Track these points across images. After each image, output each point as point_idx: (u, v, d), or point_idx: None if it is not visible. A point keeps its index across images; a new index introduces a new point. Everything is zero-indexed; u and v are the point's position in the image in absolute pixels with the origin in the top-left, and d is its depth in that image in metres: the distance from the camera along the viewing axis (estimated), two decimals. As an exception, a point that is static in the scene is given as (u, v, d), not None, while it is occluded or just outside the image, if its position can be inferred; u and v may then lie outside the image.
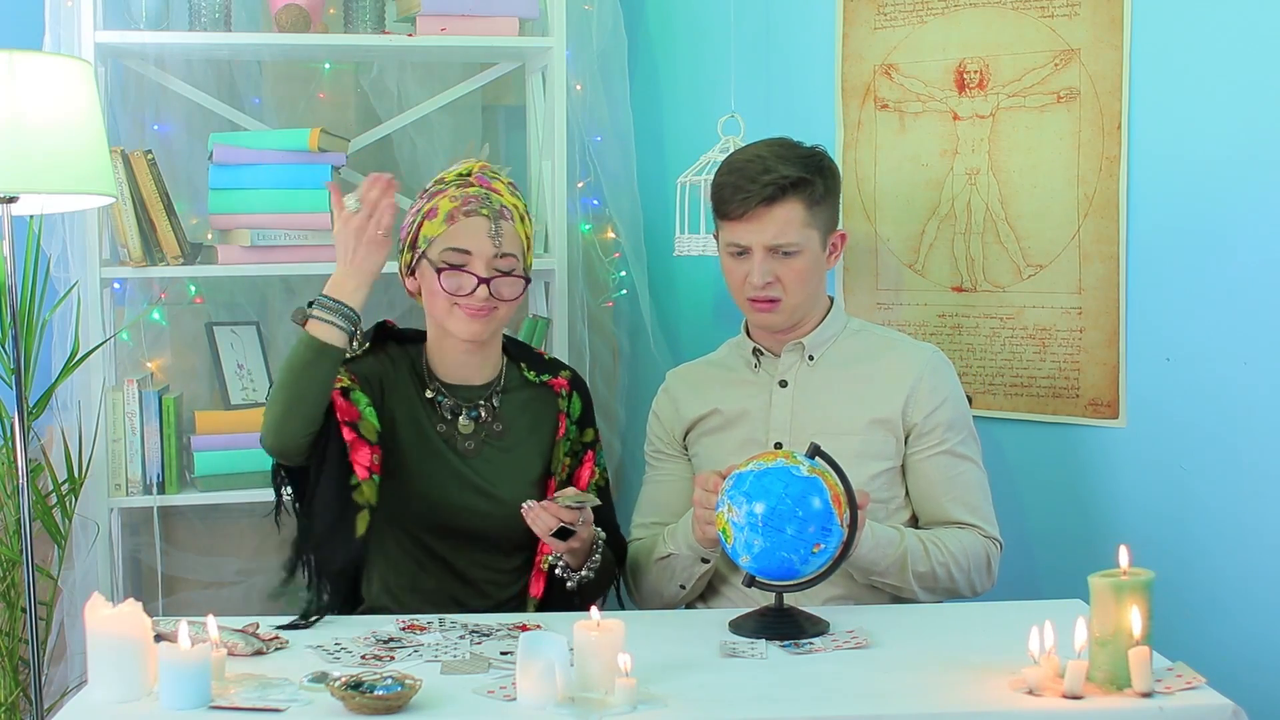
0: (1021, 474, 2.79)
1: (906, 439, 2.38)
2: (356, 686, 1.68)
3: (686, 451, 2.50)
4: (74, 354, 2.71)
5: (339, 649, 1.94)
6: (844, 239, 2.47)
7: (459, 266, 2.25)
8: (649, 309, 3.26)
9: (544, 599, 2.31)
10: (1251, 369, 2.52)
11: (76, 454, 2.78)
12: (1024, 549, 2.72)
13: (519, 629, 2.03)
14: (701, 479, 2.16)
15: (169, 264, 2.88)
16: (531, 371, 2.41)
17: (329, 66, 3.26)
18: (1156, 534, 2.61)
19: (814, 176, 2.35)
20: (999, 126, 2.77)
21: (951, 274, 2.85)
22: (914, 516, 2.40)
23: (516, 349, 2.44)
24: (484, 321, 2.28)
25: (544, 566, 2.29)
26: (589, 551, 2.25)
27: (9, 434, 2.61)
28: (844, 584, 2.30)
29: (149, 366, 3.07)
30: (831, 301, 2.48)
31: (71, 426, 2.84)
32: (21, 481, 2.48)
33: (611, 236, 3.28)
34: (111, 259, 2.90)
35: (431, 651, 1.93)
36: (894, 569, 2.25)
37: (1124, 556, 1.79)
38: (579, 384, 2.45)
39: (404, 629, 2.04)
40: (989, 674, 1.79)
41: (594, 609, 1.80)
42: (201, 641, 1.73)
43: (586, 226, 3.26)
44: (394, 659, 1.90)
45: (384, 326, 2.40)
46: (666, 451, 2.52)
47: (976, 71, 2.79)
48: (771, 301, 2.37)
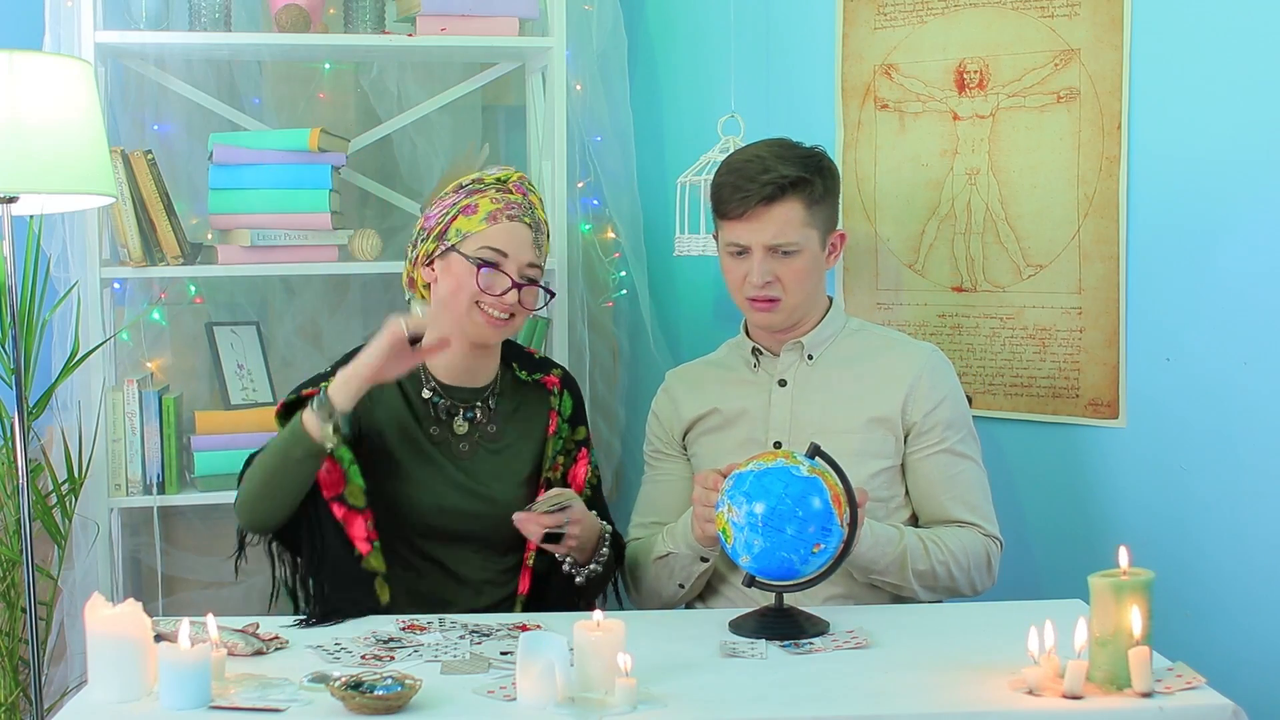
0: (1021, 474, 2.79)
1: (906, 438, 2.38)
2: (356, 686, 1.68)
3: (686, 451, 2.50)
4: (74, 354, 2.71)
5: (339, 649, 1.94)
6: (843, 239, 2.47)
7: (494, 265, 2.26)
8: (649, 309, 3.26)
9: (532, 595, 2.31)
10: (1251, 369, 2.52)
11: (76, 454, 2.77)
12: (1024, 549, 2.72)
13: (519, 629, 2.03)
14: (702, 477, 2.16)
15: (169, 264, 2.88)
16: (524, 371, 2.41)
17: (329, 66, 3.26)
18: (1156, 534, 2.61)
19: (813, 176, 2.35)
20: (999, 126, 2.77)
21: (951, 274, 2.85)
22: (914, 515, 2.40)
23: (509, 348, 2.44)
24: (500, 329, 2.29)
25: (530, 563, 2.29)
26: (596, 546, 2.27)
27: (9, 434, 2.61)
28: (844, 583, 2.30)
29: (149, 366, 3.06)
30: (831, 301, 2.48)
31: (71, 426, 2.84)
32: (21, 481, 2.48)
33: (611, 236, 3.28)
34: (111, 259, 2.89)
35: (431, 651, 1.93)
36: (894, 567, 2.25)
37: (1124, 556, 1.79)
38: (570, 382, 2.45)
39: (404, 629, 2.04)
40: (989, 674, 1.79)
41: (596, 610, 1.80)
42: (201, 641, 1.73)
43: (586, 226, 3.26)
44: (394, 659, 1.90)
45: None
46: (666, 451, 2.52)
47: (976, 71, 2.79)
48: (771, 301, 2.37)
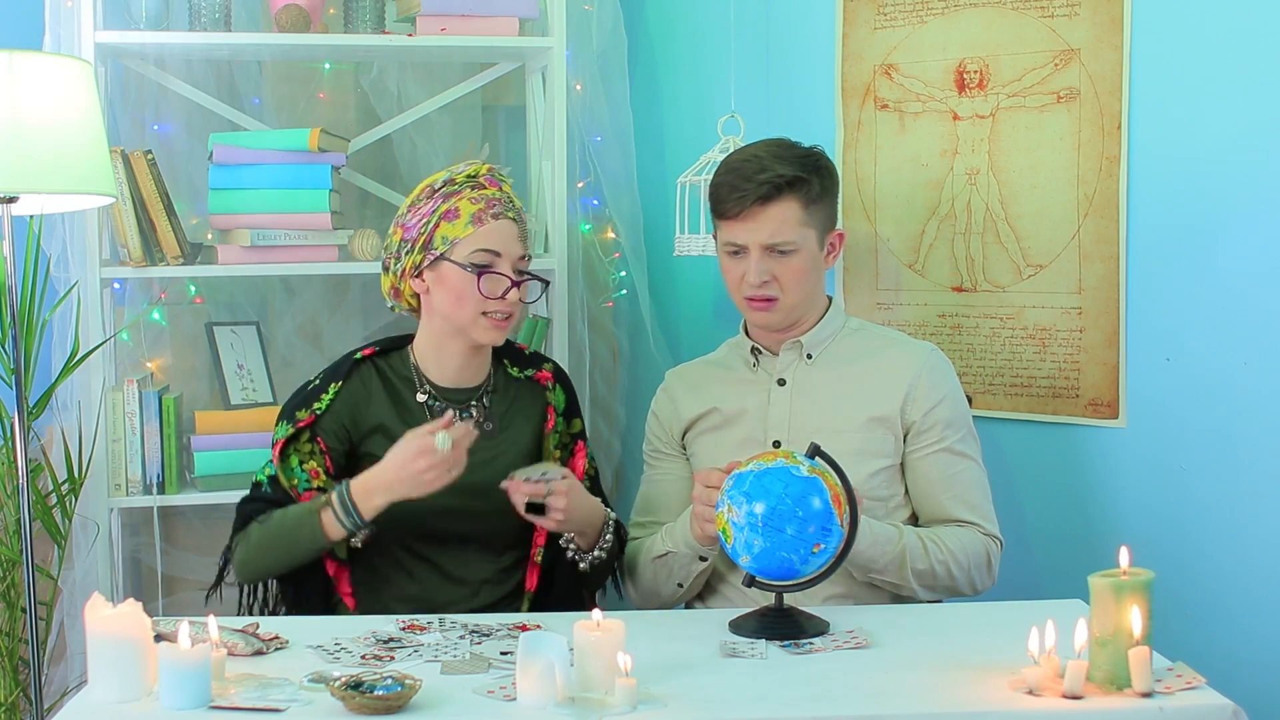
0: (1021, 474, 2.79)
1: (905, 437, 2.38)
2: (356, 686, 1.68)
3: (685, 451, 2.50)
4: (74, 354, 2.71)
5: (339, 649, 1.94)
6: (842, 239, 2.47)
7: (489, 267, 2.25)
8: (649, 309, 3.26)
9: (539, 591, 2.32)
10: (1251, 369, 2.52)
11: (76, 454, 2.77)
12: (1024, 549, 2.72)
13: (519, 629, 2.03)
14: (703, 475, 2.16)
15: (169, 264, 2.88)
16: (515, 368, 2.42)
17: (329, 66, 3.26)
18: (1156, 534, 2.61)
19: (810, 175, 2.35)
20: (999, 126, 2.77)
21: (951, 274, 2.85)
22: (914, 515, 2.40)
23: (498, 347, 2.44)
24: (504, 329, 2.30)
25: (539, 559, 2.30)
26: (599, 532, 2.28)
27: (9, 434, 2.61)
28: (844, 583, 2.30)
29: (149, 366, 3.06)
30: (830, 301, 2.48)
31: (71, 426, 2.84)
32: (21, 481, 2.48)
33: (611, 236, 3.28)
34: (111, 259, 2.89)
35: (431, 651, 1.93)
36: (893, 566, 2.25)
37: (1124, 556, 1.79)
38: (561, 376, 2.46)
39: (404, 629, 2.04)
40: (989, 674, 1.79)
41: (595, 609, 1.80)
42: (201, 641, 1.73)
43: (586, 226, 3.26)
44: (394, 659, 1.90)
45: (363, 359, 2.36)
46: (665, 451, 2.52)
47: (976, 71, 2.79)
48: (768, 300, 2.37)
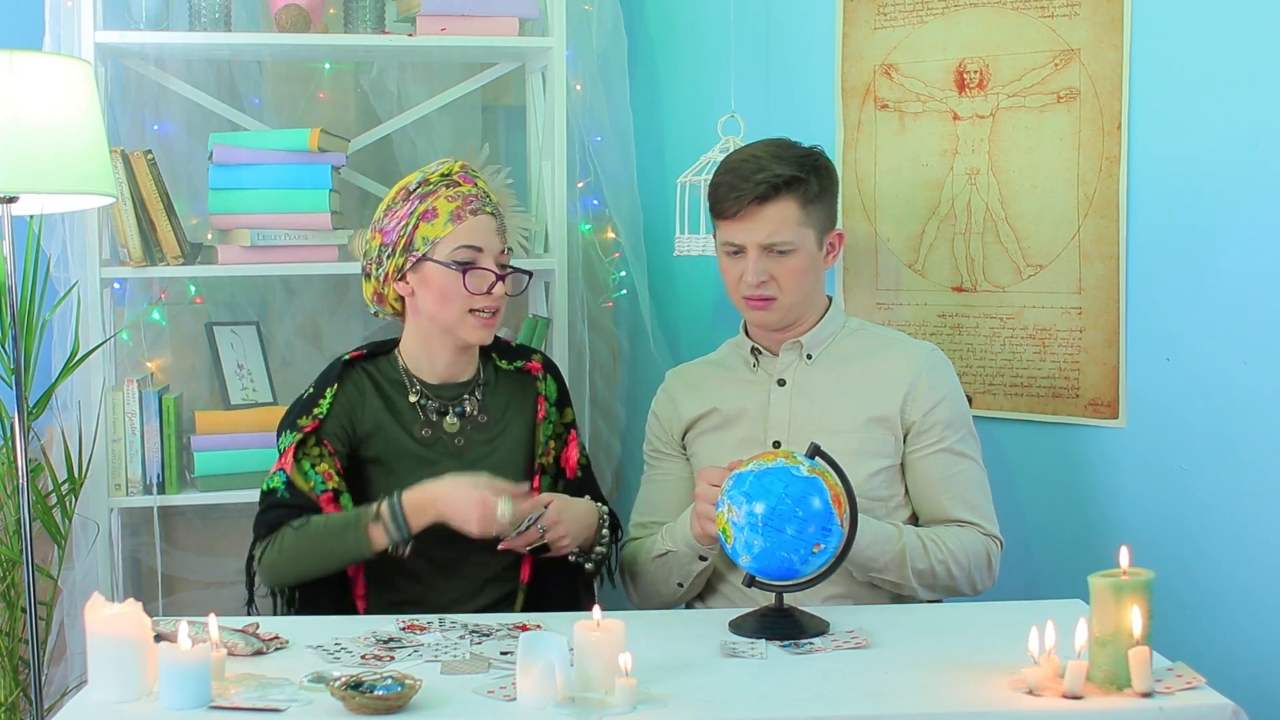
0: (1021, 474, 2.79)
1: (905, 437, 2.37)
2: (356, 686, 1.68)
3: (685, 451, 2.50)
4: (74, 354, 2.71)
5: (339, 649, 1.94)
6: (841, 239, 2.47)
7: (472, 264, 2.26)
8: (649, 309, 3.26)
9: (534, 582, 2.33)
10: (1251, 369, 2.52)
11: (76, 454, 2.77)
12: (1024, 549, 2.72)
13: (519, 629, 2.03)
14: (706, 473, 2.15)
15: (169, 264, 2.88)
16: (504, 360, 2.42)
17: (329, 66, 3.26)
18: (1156, 534, 2.61)
19: (808, 175, 2.35)
20: (999, 126, 2.77)
21: (951, 274, 2.85)
22: (914, 515, 2.40)
23: None
24: (492, 326, 2.30)
25: (527, 550, 2.30)
26: (596, 530, 2.29)
27: (9, 434, 2.61)
28: (844, 583, 2.29)
29: (149, 366, 3.06)
30: (830, 301, 2.48)
31: (71, 426, 2.84)
32: (21, 481, 2.48)
33: (611, 236, 3.28)
34: (111, 259, 2.89)
35: (431, 651, 1.93)
36: (893, 565, 2.24)
37: (1124, 556, 1.79)
38: (551, 366, 2.47)
39: (404, 629, 2.04)
40: (989, 674, 1.79)
41: (596, 609, 1.80)
42: (201, 641, 1.73)
43: (586, 226, 3.26)
44: (394, 659, 1.90)
45: (352, 361, 2.36)
46: (665, 451, 2.52)
47: (976, 71, 2.79)
48: (767, 300, 2.36)
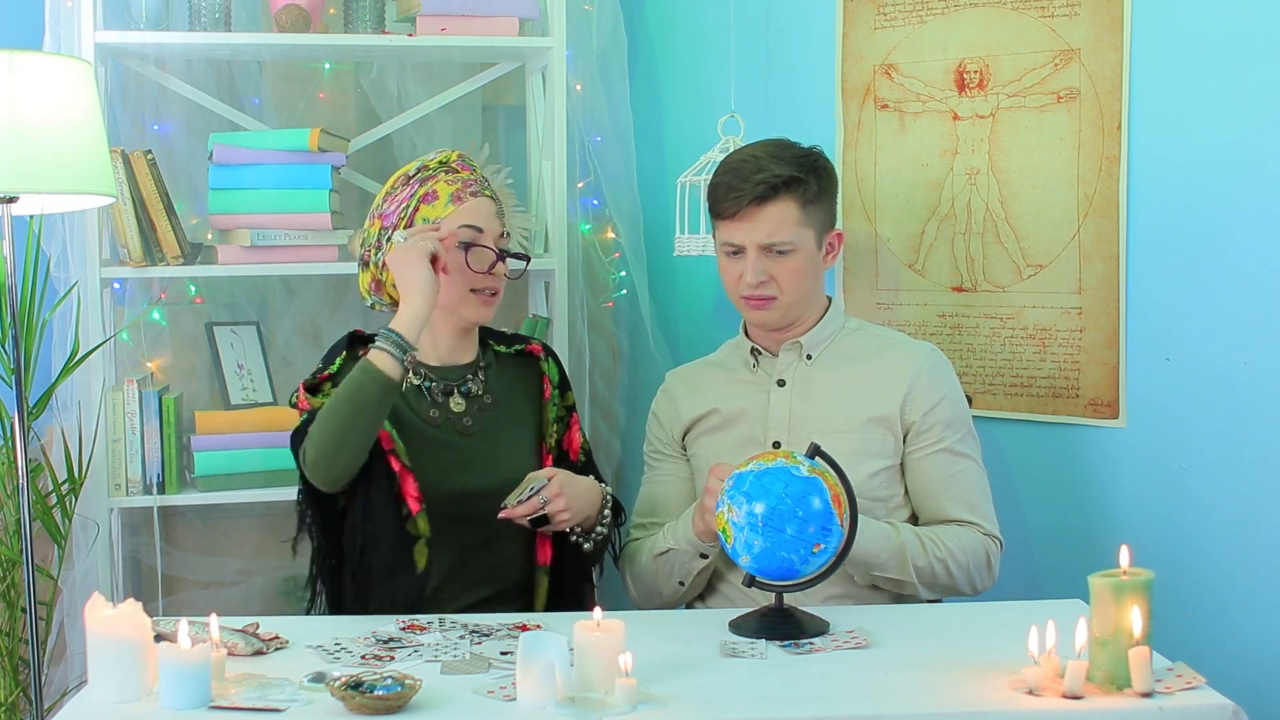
0: (1021, 474, 2.79)
1: (905, 437, 2.37)
2: (356, 686, 1.68)
3: (685, 452, 2.50)
4: (74, 354, 2.71)
5: (339, 649, 1.94)
6: (841, 239, 2.47)
7: (473, 243, 2.28)
8: (649, 309, 3.26)
9: (555, 564, 2.33)
10: (1251, 369, 2.52)
11: (76, 454, 2.77)
12: (1024, 549, 2.72)
13: (519, 629, 2.03)
14: (718, 469, 2.15)
15: (169, 264, 2.88)
16: (502, 345, 2.44)
17: (329, 66, 3.26)
18: (1156, 534, 2.61)
19: (807, 175, 2.35)
20: (999, 126, 2.77)
21: (951, 274, 2.85)
22: (914, 515, 2.40)
23: (482, 329, 2.45)
24: (493, 305, 2.33)
25: (548, 532, 2.31)
26: (599, 509, 2.29)
27: (9, 434, 2.61)
28: (844, 583, 2.29)
29: (149, 366, 3.06)
30: (830, 301, 2.48)
31: (71, 426, 2.83)
32: (21, 481, 2.48)
33: (611, 236, 3.28)
34: (111, 259, 2.89)
35: (431, 651, 1.93)
36: (894, 562, 2.24)
37: (1124, 556, 1.79)
38: (550, 350, 2.49)
39: (404, 629, 2.04)
40: (989, 674, 1.79)
41: (596, 610, 1.80)
42: (202, 641, 1.73)
43: (586, 226, 3.26)
44: (394, 659, 1.90)
45: (356, 335, 2.37)
46: (665, 452, 2.52)
47: (976, 71, 2.79)
48: (766, 299, 2.37)
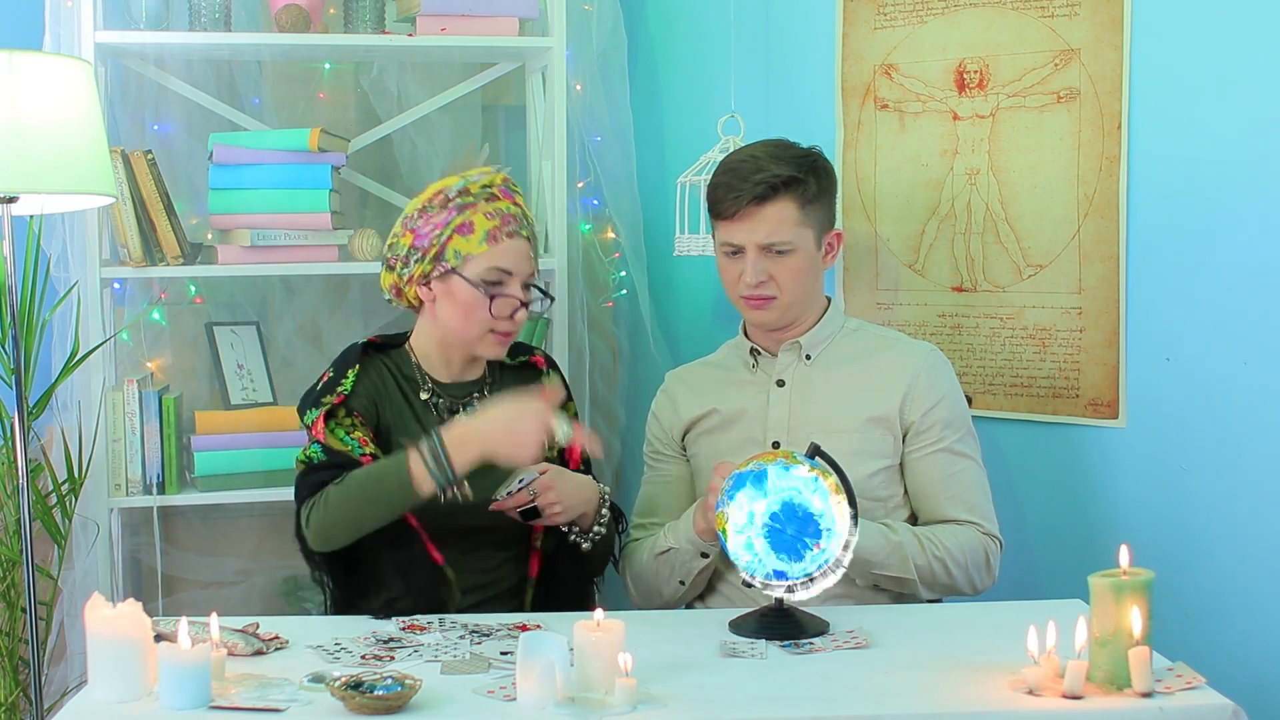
0: (1021, 474, 2.79)
1: (904, 437, 2.38)
2: (356, 686, 1.68)
3: (685, 452, 2.50)
4: (74, 354, 2.71)
5: (339, 649, 1.94)
6: (840, 239, 2.47)
7: (500, 285, 2.27)
8: (649, 309, 3.26)
9: (541, 579, 2.33)
10: (1251, 369, 2.52)
11: (76, 454, 2.77)
12: (1024, 549, 2.72)
13: (519, 629, 2.03)
14: (722, 468, 2.14)
15: (169, 264, 2.87)
16: (507, 357, 2.43)
17: (329, 66, 3.26)
18: (1156, 534, 2.61)
19: (806, 176, 2.36)
20: (999, 126, 2.77)
21: (951, 274, 2.85)
22: (913, 515, 2.40)
23: None
24: (507, 344, 2.34)
25: (539, 544, 2.32)
26: (596, 510, 2.29)
27: (9, 434, 2.61)
28: (844, 584, 2.29)
29: (149, 366, 3.06)
30: (829, 301, 2.49)
31: (71, 426, 2.83)
32: (21, 481, 2.48)
33: (611, 236, 3.28)
34: (111, 259, 2.89)
35: (431, 651, 1.93)
36: (894, 560, 2.24)
37: (1124, 556, 1.79)
38: (552, 362, 2.50)
39: (404, 629, 2.04)
40: (989, 674, 1.79)
41: (596, 610, 1.80)
42: (202, 641, 1.73)
43: (586, 226, 3.26)
44: (394, 659, 1.90)
45: (369, 346, 2.37)
46: (665, 452, 2.52)
47: (976, 71, 2.79)
48: (765, 299, 2.37)
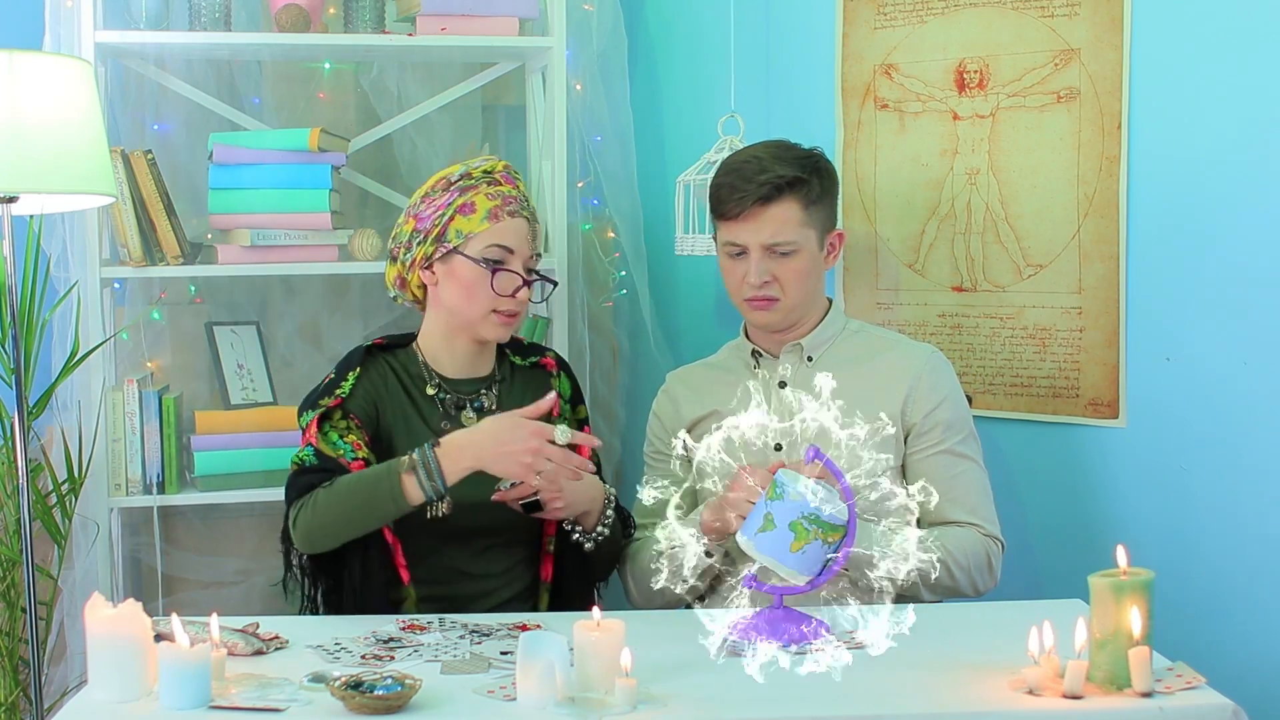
0: (1021, 474, 2.79)
1: (906, 439, 2.38)
2: (356, 686, 1.68)
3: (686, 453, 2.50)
4: (74, 354, 2.71)
5: (339, 649, 1.94)
6: (842, 239, 2.47)
7: (502, 264, 2.28)
8: (649, 309, 3.26)
9: (555, 581, 2.33)
10: (1251, 369, 2.52)
11: (76, 454, 2.77)
12: (1024, 549, 2.72)
13: (519, 629, 2.03)
14: (744, 473, 2.11)
15: (169, 264, 2.88)
16: (518, 356, 2.44)
17: (329, 66, 3.26)
18: (1156, 534, 2.61)
19: (810, 176, 2.36)
20: (999, 126, 2.77)
21: (951, 274, 2.85)
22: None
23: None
24: (512, 326, 2.33)
25: (551, 548, 2.32)
26: (601, 511, 2.29)
27: (9, 434, 2.61)
28: (844, 584, 2.29)
29: (149, 366, 3.06)
30: (830, 303, 2.49)
31: (71, 426, 2.83)
32: (21, 481, 2.48)
33: (611, 236, 3.28)
34: (111, 259, 2.89)
35: (431, 651, 1.93)
36: (894, 562, 2.23)
37: (1123, 556, 1.79)
38: (564, 363, 2.49)
39: (404, 629, 2.04)
40: (989, 674, 1.79)
41: (595, 610, 1.80)
42: (201, 641, 1.73)
43: (586, 226, 3.26)
44: (394, 659, 1.90)
45: (374, 348, 2.37)
46: (666, 453, 2.51)
47: (976, 71, 2.79)
48: (769, 300, 2.37)
